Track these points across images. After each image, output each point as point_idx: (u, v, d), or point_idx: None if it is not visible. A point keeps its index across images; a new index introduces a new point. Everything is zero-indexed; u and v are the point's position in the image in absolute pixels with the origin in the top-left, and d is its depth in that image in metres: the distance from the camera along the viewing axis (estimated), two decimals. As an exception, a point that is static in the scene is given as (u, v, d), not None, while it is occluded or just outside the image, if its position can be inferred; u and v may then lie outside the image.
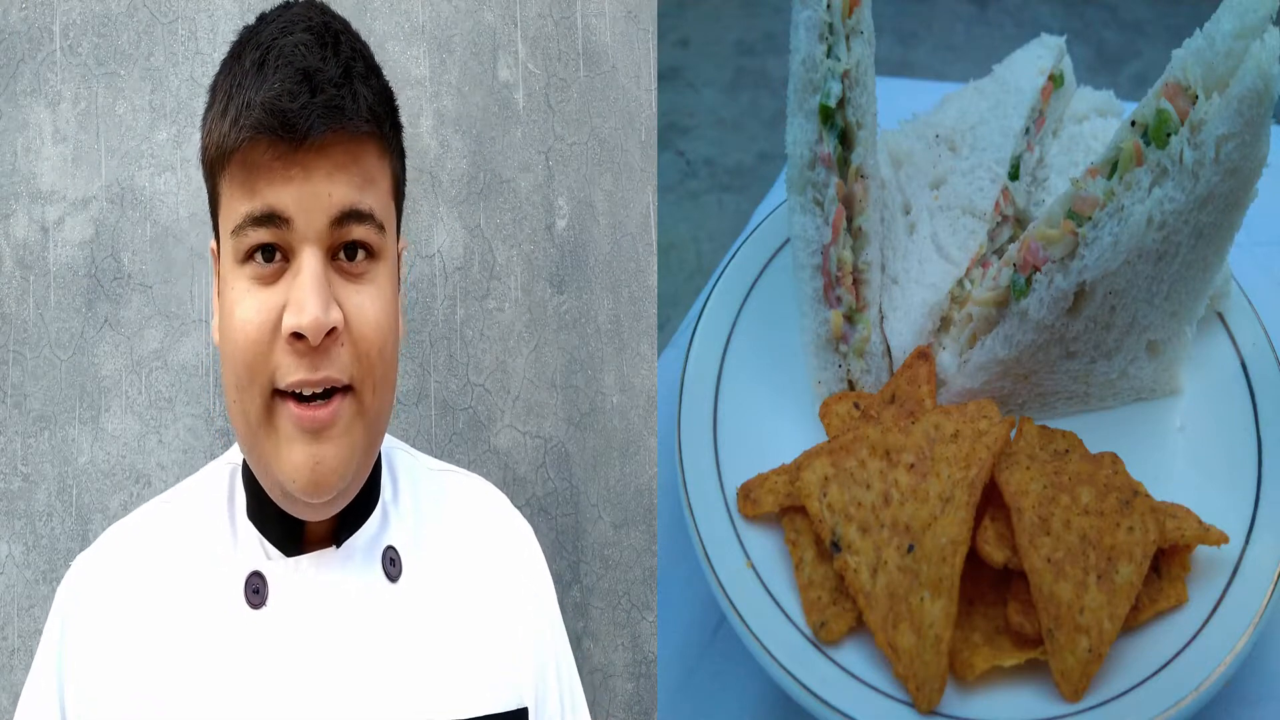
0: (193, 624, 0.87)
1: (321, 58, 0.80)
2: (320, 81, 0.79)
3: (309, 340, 0.79)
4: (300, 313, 0.79)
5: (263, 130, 0.78)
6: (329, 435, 0.83)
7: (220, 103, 0.82)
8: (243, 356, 0.81)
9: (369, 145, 0.84)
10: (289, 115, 0.78)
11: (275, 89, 0.78)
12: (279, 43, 0.80)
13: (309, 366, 0.81)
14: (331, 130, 0.79)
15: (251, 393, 0.82)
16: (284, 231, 0.80)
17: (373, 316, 0.83)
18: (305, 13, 0.84)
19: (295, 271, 0.81)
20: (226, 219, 0.83)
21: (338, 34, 0.83)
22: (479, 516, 1.00)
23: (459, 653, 0.92)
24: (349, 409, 0.84)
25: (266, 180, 0.80)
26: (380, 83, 0.86)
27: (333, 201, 0.80)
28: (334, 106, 0.79)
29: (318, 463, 0.83)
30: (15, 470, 1.28)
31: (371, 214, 0.83)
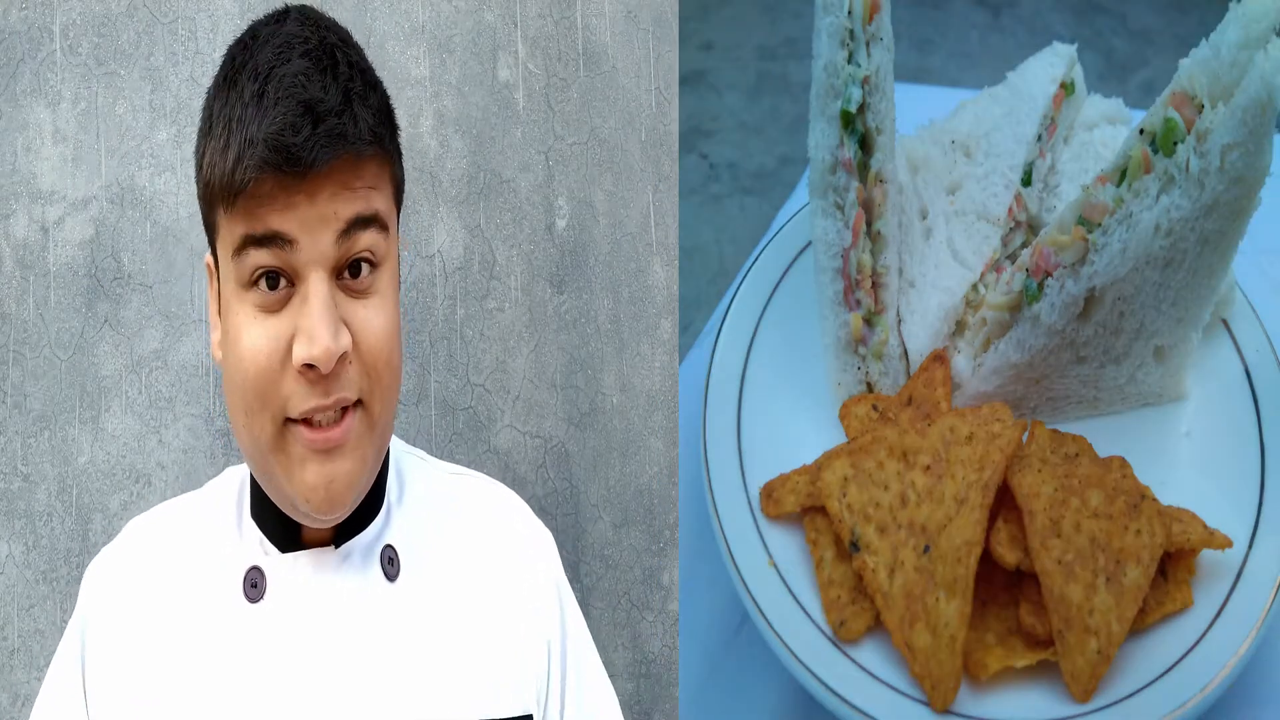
0: (195, 615, 0.89)
1: (322, 86, 0.80)
2: (322, 111, 0.79)
3: (320, 370, 0.80)
4: (311, 344, 0.79)
5: (268, 168, 0.78)
6: (341, 453, 0.84)
7: (220, 134, 0.81)
8: (253, 386, 0.81)
9: (370, 161, 0.84)
10: (293, 149, 0.77)
11: (277, 123, 0.77)
12: (277, 72, 0.79)
13: (321, 393, 0.81)
14: (335, 158, 0.79)
15: (262, 419, 0.82)
16: (288, 254, 0.80)
17: (379, 330, 0.84)
18: (300, 31, 0.83)
19: (303, 298, 0.81)
20: (226, 241, 0.82)
21: (334, 51, 0.82)
22: (491, 521, 1.00)
23: (458, 655, 0.92)
24: (360, 424, 0.84)
25: (269, 209, 0.79)
26: (378, 96, 0.86)
27: (339, 217, 0.81)
28: (336, 135, 0.79)
29: (331, 481, 0.83)
30: (15, 470, 1.27)
31: (377, 215, 0.83)
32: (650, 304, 1.53)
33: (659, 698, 1.48)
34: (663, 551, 1.50)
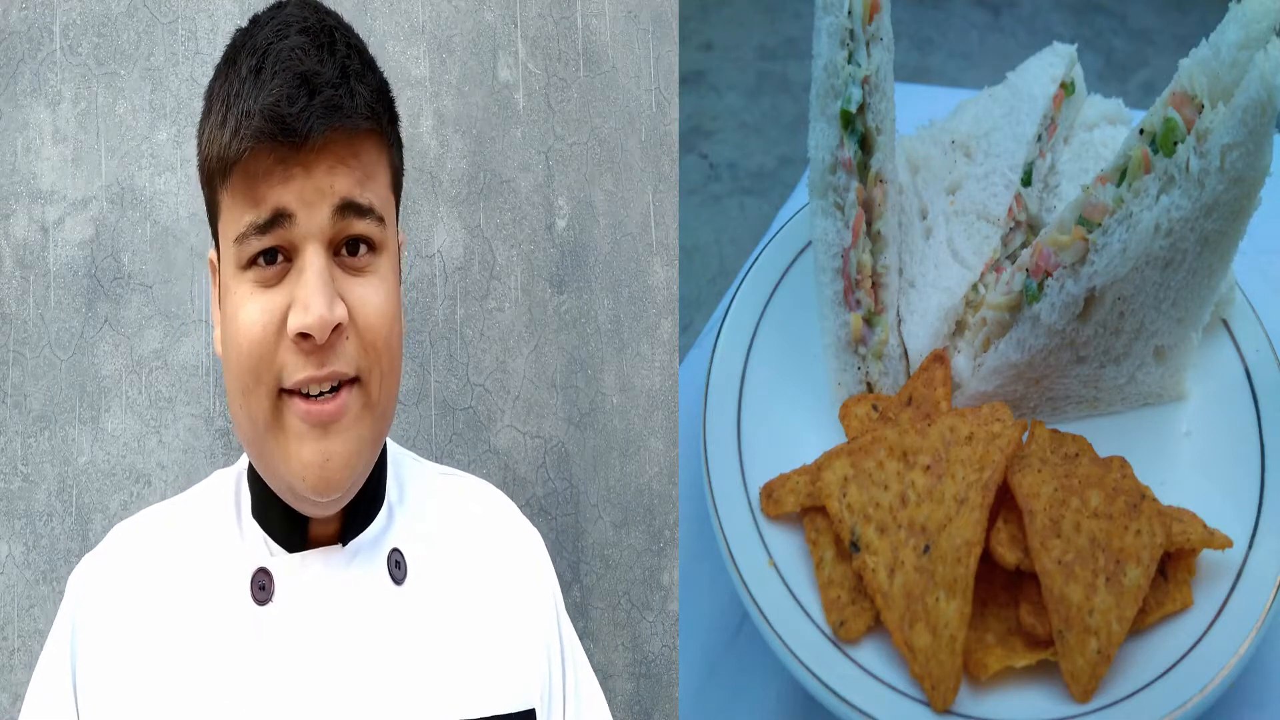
0: (200, 620, 0.88)
1: (319, 59, 0.80)
2: (318, 83, 0.79)
3: (315, 339, 0.80)
4: (306, 312, 0.79)
5: (264, 138, 0.78)
6: (337, 429, 0.83)
7: (218, 112, 0.82)
8: (248, 359, 0.81)
9: (368, 140, 0.84)
10: (288, 120, 0.78)
11: (274, 95, 0.78)
12: (275, 47, 0.80)
13: (315, 364, 0.81)
14: (331, 129, 0.80)
15: (258, 394, 0.82)
16: (286, 230, 0.80)
17: (377, 307, 0.84)
18: (299, 13, 0.84)
19: (299, 270, 0.81)
20: (228, 226, 0.83)
21: (332, 32, 0.83)
22: (486, 521, 1.01)
23: (464, 654, 0.92)
24: (356, 401, 0.84)
25: (267, 184, 0.80)
26: (376, 78, 0.86)
27: (334, 192, 0.81)
28: (332, 106, 0.79)
29: (327, 459, 0.83)
30: (15, 470, 1.27)
31: (371, 208, 0.83)
32: (650, 304, 1.53)
33: (659, 698, 1.48)
34: (663, 551, 1.50)
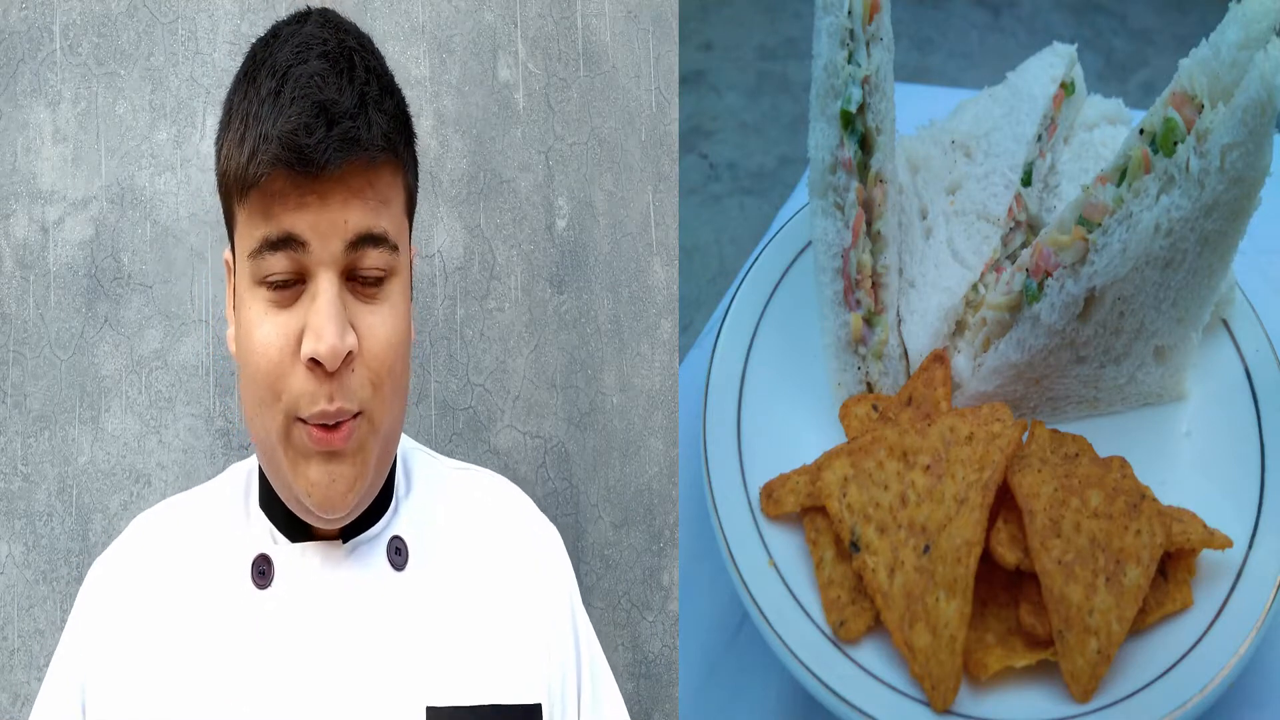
0: (203, 601, 0.91)
1: (338, 88, 0.81)
2: (336, 114, 0.80)
3: (326, 367, 0.82)
4: (318, 340, 0.81)
5: (280, 164, 0.79)
6: (344, 455, 0.85)
7: (237, 129, 0.83)
8: (264, 378, 0.83)
9: (384, 169, 0.86)
10: (306, 150, 0.79)
11: (292, 122, 0.79)
12: (295, 71, 0.81)
13: (326, 397, 0.83)
14: (348, 161, 0.81)
15: (273, 411, 0.84)
16: (300, 255, 0.82)
17: (384, 338, 0.86)
18: (320, 33, 0.85)
19: (312, 295, 0.83)
20: (243, 240, 0.84)
21: (352, 55, 0.84)
22: (498, 514, 1.02)
23: (465, 641, 0.93)
24: (363, 429, 0.86)
25: (282, 207, 0.81)
26: (395, 102, 0.87)
27: (349, 227, 0.82)
28: (350, 139, 0.80)
29: (333, 480, 0.85)
30: (15, 470, 1.27)
31: (385, 236, 0.85)
32: (650, 304, 1.53)
33: (659, 698, 1.48)
34: (663, 551, 1.50)
